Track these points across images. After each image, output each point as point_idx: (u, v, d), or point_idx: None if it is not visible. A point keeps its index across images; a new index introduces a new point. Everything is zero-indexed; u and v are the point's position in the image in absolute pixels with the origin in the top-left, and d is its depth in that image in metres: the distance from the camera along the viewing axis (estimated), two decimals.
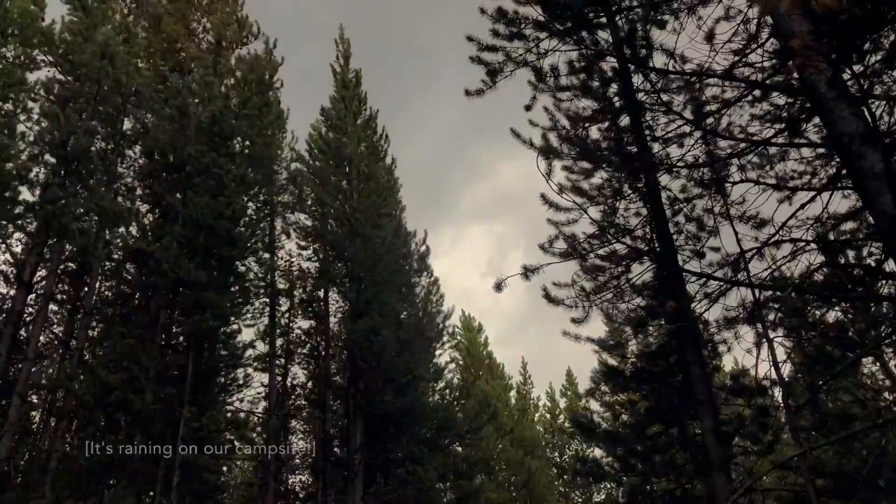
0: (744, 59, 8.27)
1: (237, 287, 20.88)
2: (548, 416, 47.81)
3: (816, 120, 8.16)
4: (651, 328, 12.47)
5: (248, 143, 21.88)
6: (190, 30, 22.25)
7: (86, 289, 19.63)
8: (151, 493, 16.19)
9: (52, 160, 17.31)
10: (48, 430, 18.72)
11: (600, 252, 11.89)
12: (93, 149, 17.87)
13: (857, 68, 7.21)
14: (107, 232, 18.64)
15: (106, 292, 20.89)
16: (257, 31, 24.99)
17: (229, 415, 19.32)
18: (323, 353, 24.26)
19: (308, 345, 25.21)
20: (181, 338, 19.50)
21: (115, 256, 19.67)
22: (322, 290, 24.96)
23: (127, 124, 20.43)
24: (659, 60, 9.17)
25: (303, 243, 25.88)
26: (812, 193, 8.44)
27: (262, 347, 23.14)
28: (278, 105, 25.93)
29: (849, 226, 9.42)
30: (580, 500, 44.73)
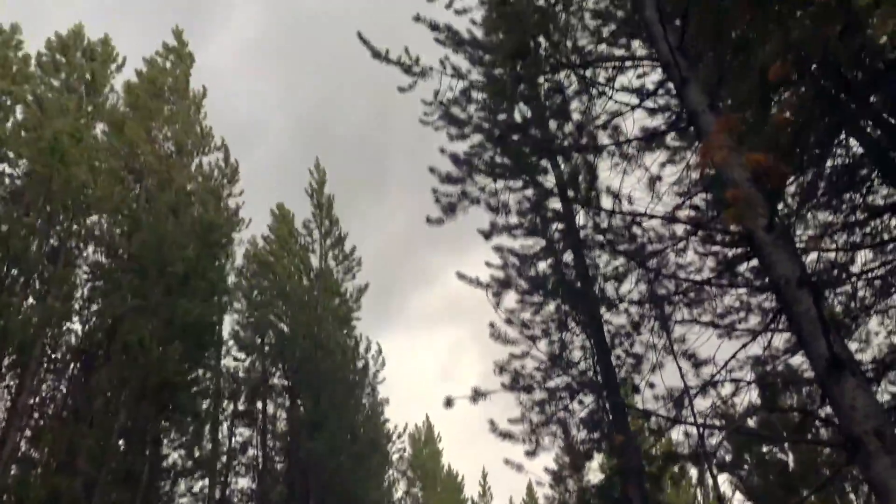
0: (686, 202, 8.66)
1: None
2: None
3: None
4: (596, 462, 12.41)
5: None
6: (151, 136, 22.56)
7: (9, 388, 18.79)
8: None
9: None
10: None
11: (547, 385, 11.99)
12: (33, 247, 17.72)
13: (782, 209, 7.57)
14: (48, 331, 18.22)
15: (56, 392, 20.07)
16: (220, 143, 25.74)
17: None
18: (261, 465, 23.83)
19: (247, 454, 24.71)
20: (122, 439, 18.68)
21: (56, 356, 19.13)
22: (260, 401, 24.90)
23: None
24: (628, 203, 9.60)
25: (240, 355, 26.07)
26: (752, 334, 8.66)
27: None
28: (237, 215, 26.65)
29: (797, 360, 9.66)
30: None
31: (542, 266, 12.90)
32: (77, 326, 19.47)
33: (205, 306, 18.19)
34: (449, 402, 10.99)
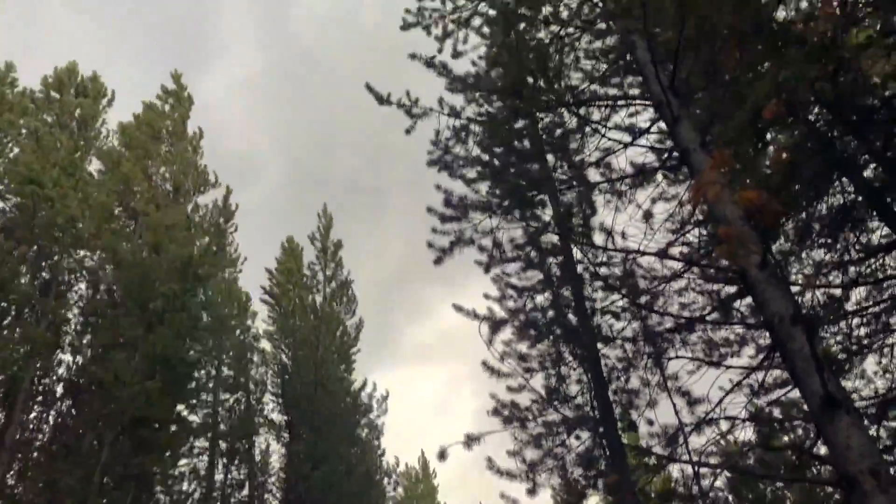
0: (680, 239, 8.70)
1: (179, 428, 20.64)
2: None
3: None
4: (595, 499, 12.27)
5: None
6: (147, 175, 22.82)
7: None
8: None
9: None
10: None
11: (543, 419, 11.88)
12: (25, 280, 17.80)
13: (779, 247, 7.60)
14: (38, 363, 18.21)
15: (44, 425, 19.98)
16: (214, 181, 26.08)
17: None
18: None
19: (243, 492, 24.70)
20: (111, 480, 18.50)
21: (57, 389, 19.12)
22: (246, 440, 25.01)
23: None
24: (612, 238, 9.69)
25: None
26: (747, 371, 8.64)
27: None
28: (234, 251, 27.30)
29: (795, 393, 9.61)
30: None
31: (540, 299, 12.89)
32: (69, 358, 19.49)
33: (178, 341, 18.13)
34: (442, 455, 10.81)
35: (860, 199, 8.87)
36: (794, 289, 8.48)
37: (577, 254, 12.08)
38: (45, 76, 22.33)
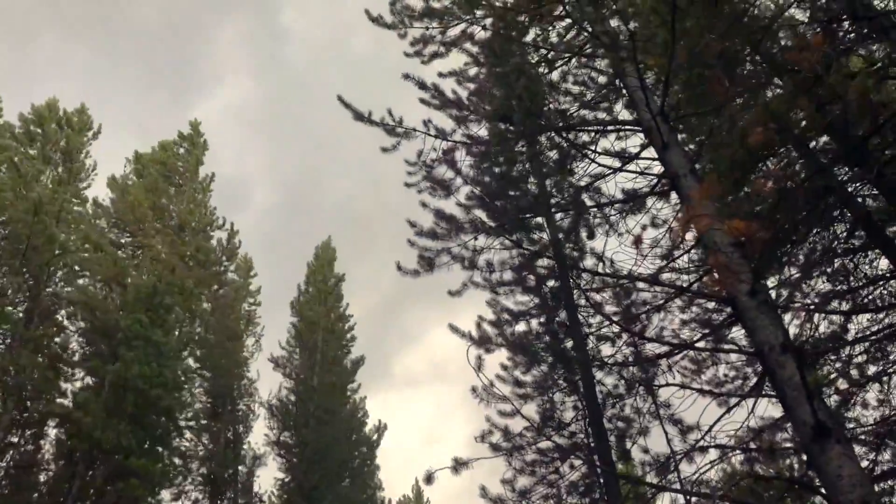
0: (670, 265, 8.65)
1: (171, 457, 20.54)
2: None
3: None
4: None
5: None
6: (156, 208, 23.05)
7: None
8: None
9: None
10: None
11: (537, 446, 11.74)
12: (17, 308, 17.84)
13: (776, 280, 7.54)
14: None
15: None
16: (222, 223, 26.54)
17: None
18: None
19: None
20: None
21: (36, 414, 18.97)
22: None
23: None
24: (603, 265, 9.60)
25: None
26: (737, 399, 8.55)
27: None
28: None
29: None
30: None
31: (534, 324, 12.73)
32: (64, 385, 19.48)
33: (143, 369, 18.07)
34: (429, 479, 10.55)
35: (859, 227, 8.80)
36: (790, 316, 8.43)
37: (572, 278, 11.95)
38: (20, 113, 22.71)
